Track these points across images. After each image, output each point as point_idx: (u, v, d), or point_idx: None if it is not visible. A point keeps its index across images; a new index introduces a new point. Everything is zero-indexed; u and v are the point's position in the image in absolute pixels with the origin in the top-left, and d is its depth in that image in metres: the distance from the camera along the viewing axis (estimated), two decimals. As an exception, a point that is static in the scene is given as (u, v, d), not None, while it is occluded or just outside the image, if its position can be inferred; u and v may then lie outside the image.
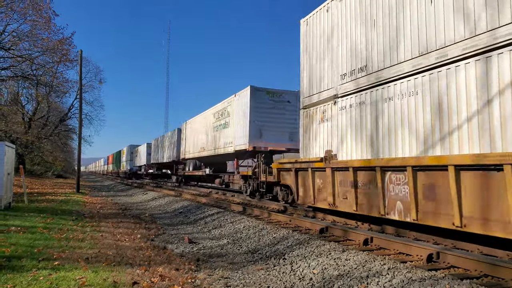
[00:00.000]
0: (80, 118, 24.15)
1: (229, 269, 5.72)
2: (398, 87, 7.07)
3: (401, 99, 6.97)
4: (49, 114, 38.64)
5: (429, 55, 6.39)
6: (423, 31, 6.57)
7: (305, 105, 10.46)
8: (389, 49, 7.35)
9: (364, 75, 7.99)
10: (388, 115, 7.25)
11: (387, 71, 7.32)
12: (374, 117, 7.64)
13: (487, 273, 4.58)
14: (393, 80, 7.18)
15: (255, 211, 10.92)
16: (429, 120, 6.33)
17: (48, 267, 5.15)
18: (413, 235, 6.93)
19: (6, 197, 11.22)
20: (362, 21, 8.15)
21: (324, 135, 9.48)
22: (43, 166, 42.84)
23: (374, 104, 7.65)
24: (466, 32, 5.76)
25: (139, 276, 4.97)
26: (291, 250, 6.42)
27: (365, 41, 8.04)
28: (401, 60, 7.00)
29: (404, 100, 6.90)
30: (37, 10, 20.99)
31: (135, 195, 22.01)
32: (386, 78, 7.32)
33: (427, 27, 6.49)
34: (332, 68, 9.23)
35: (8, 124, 26.39)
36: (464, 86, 5.77)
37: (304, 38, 10.75)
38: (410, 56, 6.81)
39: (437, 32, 6.29)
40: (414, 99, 6.66)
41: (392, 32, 7.27)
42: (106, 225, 9.63)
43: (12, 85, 27.72)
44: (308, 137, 10.30)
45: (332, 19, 9.34)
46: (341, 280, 4.80)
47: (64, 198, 17.02)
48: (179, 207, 14.14)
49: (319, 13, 9.97)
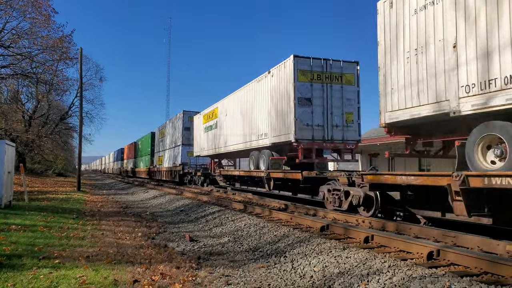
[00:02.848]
0: (80, 116, 24.17)
1: (230, 267, 5.73)
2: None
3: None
4: (49, 112, 38.69)
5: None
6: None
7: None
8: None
9: None
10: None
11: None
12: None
13: (487, 271, 4.57)
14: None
15: (256, 209, 10.91)
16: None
17: (48, 266, 5.16)
18: (414, 233, 6.93)
19: (6, 196, 11.22)
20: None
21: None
22: (43, 164, 42.88)
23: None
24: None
25: (140, 274, 4.98)
26: (292, 248, 6.43)
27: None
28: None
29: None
30: (37, 8, 21.00)
31: (136, 193, 22.03)
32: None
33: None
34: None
35: (8, 123, 26.39)
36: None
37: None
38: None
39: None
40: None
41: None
42: (107, 223, 9.64)
43: (12, 83, 27.75)
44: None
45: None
46: (341, 277, 4.80)
47: (65, 196, 17.04)
48: (180, 205, 14.16)
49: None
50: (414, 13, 7.41)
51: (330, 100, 12.69)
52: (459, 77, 6.41)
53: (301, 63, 12.43)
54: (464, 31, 6.35)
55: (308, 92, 12.43)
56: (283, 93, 12.98)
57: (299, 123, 12.26)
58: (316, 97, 12.54)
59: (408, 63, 7.56)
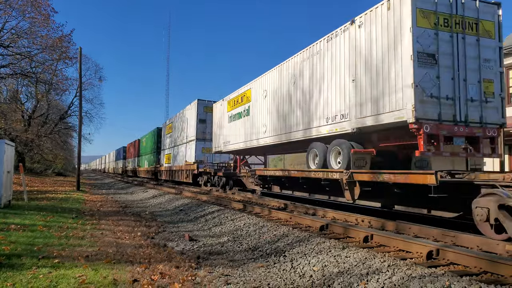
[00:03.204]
0: (80, 116, 24.14)
1: (229, 266, 5.73)
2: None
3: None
4: (48, 112, 38.65)
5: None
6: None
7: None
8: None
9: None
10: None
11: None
12: None
13: (486, 270, 4.58)
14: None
15: (256, 209, 10.91)
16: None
17: (48, 265, 5.15)
18: (413, 232, 6.93)
19: (6, 195, 11.21)
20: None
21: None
22: (43, 164, 42.86)
23: None
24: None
25: (139, 274, 4.98)
26: (291, 248, 6.42)
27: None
28: None
29: None
30: (36, 7, 20.94)
31: (136, 193, 22.03)
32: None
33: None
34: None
35: (8, 122, 26.37)
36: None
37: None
38: None
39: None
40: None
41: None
42: (106, 223, 9.63)
43: (12, 82, 27.74)
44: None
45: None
46: (341, 277, 4.80)
47: (64, 196, 17.03)
48: (179, 204, 14.15)
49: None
50: None
51: (463, 59, 8.31)
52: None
53: (421, 0, 8.09)
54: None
55: (431, 44, 8.06)
56: (385, 48, 8.56)
57: (420, 92, 7.78)
58: (443, 53, 8.15)
59: None
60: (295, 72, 12.36)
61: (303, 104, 11.92)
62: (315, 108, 11.20)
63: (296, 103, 12.31)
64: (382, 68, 8.63)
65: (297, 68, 12.27)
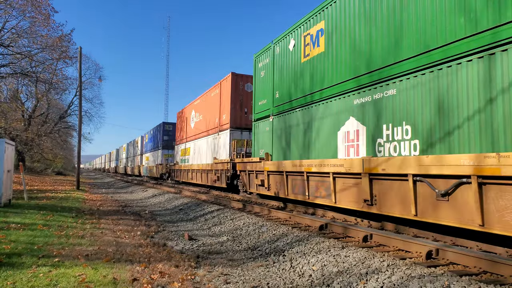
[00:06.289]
0: (80, 115, 24.13)
1: (229, 265, 5.73)
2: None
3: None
4: (48, 111, 38.63)
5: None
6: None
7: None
8: None
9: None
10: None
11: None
12: None
13: (486, 270, 4.59)
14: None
15: (255, 208, 10.92)
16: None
17: (48, 264, 5.16)
18: (413, 232, 6.93)
19: (6, 194, 11.22)
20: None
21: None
22: (43, 163, 42.89)
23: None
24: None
25: (139, 273, 4.98)
26: (290, 247, 6.43)
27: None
28: None
29: None
30: (36, 7, 20.96)
31: (135, 192, 22.03)
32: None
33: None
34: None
35: (8, 121, 26.39)
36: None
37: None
38: None
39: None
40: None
41: None
42: (106, 222, 9.64)
43: (12, 82, 27.69)
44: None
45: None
46: (340, 276, 4.80)
47: (64, 195, 17.03)
48: (179, 204, 14.16)
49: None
50: None
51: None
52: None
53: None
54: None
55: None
56: None
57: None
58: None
59: None
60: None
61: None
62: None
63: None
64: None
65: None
